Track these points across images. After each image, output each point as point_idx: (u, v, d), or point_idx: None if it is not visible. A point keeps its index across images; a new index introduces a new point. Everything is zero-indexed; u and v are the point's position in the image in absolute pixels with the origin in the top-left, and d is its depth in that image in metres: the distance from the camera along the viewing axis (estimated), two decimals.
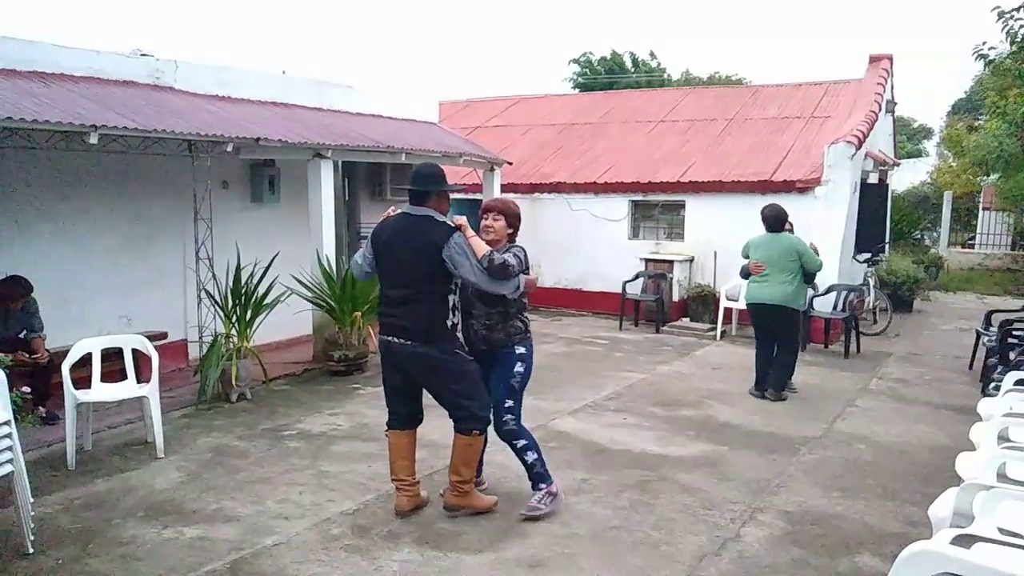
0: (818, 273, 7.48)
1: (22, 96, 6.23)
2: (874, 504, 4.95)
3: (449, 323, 4.36)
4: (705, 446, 6.03)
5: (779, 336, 7.31)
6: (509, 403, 4.58)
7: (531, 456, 4.64)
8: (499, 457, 5.68)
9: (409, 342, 4.33)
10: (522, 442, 4.65)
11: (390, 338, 4.40)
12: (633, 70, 30.97)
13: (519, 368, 4.57)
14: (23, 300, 6.16)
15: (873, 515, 4.77)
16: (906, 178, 22.14)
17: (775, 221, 7.23)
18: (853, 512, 4.80)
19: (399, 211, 4.54)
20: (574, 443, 6.06)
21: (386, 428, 4.72)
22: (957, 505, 3.45)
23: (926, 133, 38.71)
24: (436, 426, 6.41)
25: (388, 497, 4.89)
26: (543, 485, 4.66)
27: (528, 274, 4.57)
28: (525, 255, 4.51)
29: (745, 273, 7.38)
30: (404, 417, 4.64)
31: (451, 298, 4.36)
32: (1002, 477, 3.72)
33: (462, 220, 4.35)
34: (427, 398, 4.63)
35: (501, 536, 4.40)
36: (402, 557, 4.11)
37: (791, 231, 7.50)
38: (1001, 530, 3.17)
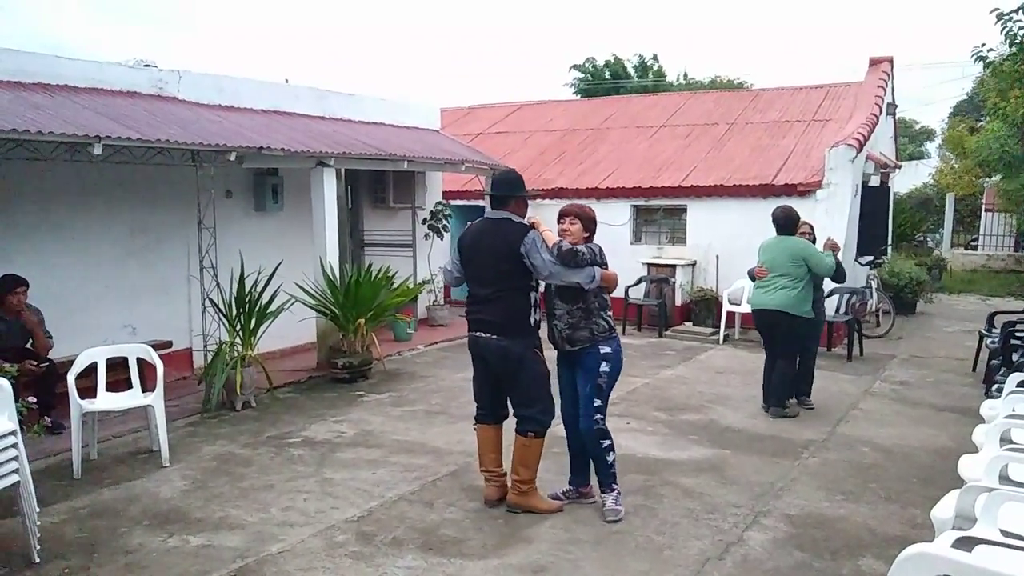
0: (833, 274, 7.00)
1: (27, 108, 6.29)
2: (877, 507, 4.95)
3: (532, 319, 4.62)
4: (708, 450, 6.03)
5: (780, 345, 6.94)
6: (597, 402, 4.63)
7: (611, 457, 4.71)
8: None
9: (493, 336, 4.60)
10: (607, 442, 4.70)
11: (477, 333, 4.68)
12: (635, 74, 31.01)
13: (604, 367, 4.59)
14: (19, 296, 6.18)
15: (876, 518, 4.77)
16: (908, 180, 22.14)
17: (785, 222, 6.91)
18: (856, 515, 4.81)
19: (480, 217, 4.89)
20: None
21: (474, 422, 4.97)
22: (959, 507, 3.46)
23: (928, 135, 38.71)
24: (439, 432, 6.49)
25: (392, 504, 4.92)
26: (615, 486, 4.73)
27: (606, 269, 4.60)
28: (600, 251, 4.58)
29: (752, 276, 7.20)
30: (489, 411, 4.87)
31: (533, 295, 4.62)
32: (1004, 479, 3.73)
33: (536, 219, 4.64)
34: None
35: (505, 542, 4.41)
36: (406, 564, 4.13)
37: (811, 234, 7.25)
38: (1004, 532, 3.18)
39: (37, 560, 4.06)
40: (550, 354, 4.72)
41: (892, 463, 5.79)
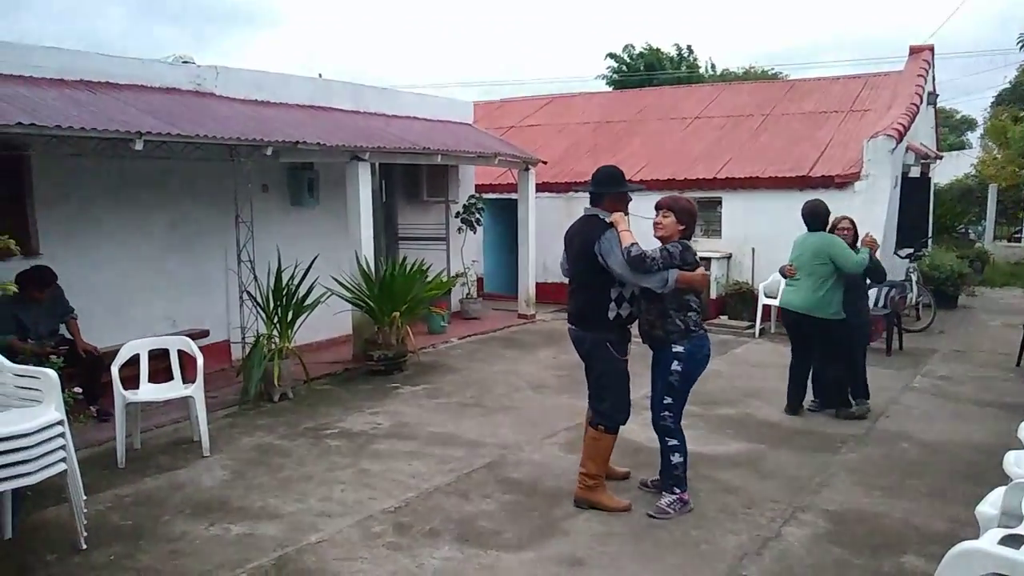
0: (868, 273, 6.61)
1: (70, 105, 6.42)
2: (919, 503, 4.88)
3: (611, 314, 4.61)
4: (744, 444, 5.99)
5: (820, 350, 6.63)
6: (667, 400, 4.66)
7: (676, 458, 4.69)
8: (537, 456, 5.74)
9: (574, 326, 4.80)
10: (673, 441, 4.70)
11: (568, 324, 4.87)
12: (671, 64, 30.69)
13: (676, 367, 4.58)
14: (49, 289, 6.33)
15: (918, 514, 4.70)
16: (949, 171, 21.65)
17: (811, 219, 6.58)
18: (897, 511, 4.74)
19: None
20: None
21: None
22: (1005, 504, 3.39)
23: (969, 125, 37.83)
24: (473, 424, 6.52)
25: (428, 495, 4.96)
26: (677, 490, 4.68)
27: (689, 271, 4.51)
28: (682, 251, 4.50)
29: (783, 274, 6.89)
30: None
31: (613, 291, 4.58)
32: None
33: (616, 216, 4.60)
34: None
35: (541, 534, 4.42)
36: (443, 555, 4.16)
37: (852, 230, 6.71)
38: None
39: (84, 546, 4.16)
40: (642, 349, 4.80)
41: (933, 459, 5.70)
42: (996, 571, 1.79)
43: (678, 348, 4.56)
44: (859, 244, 6.79)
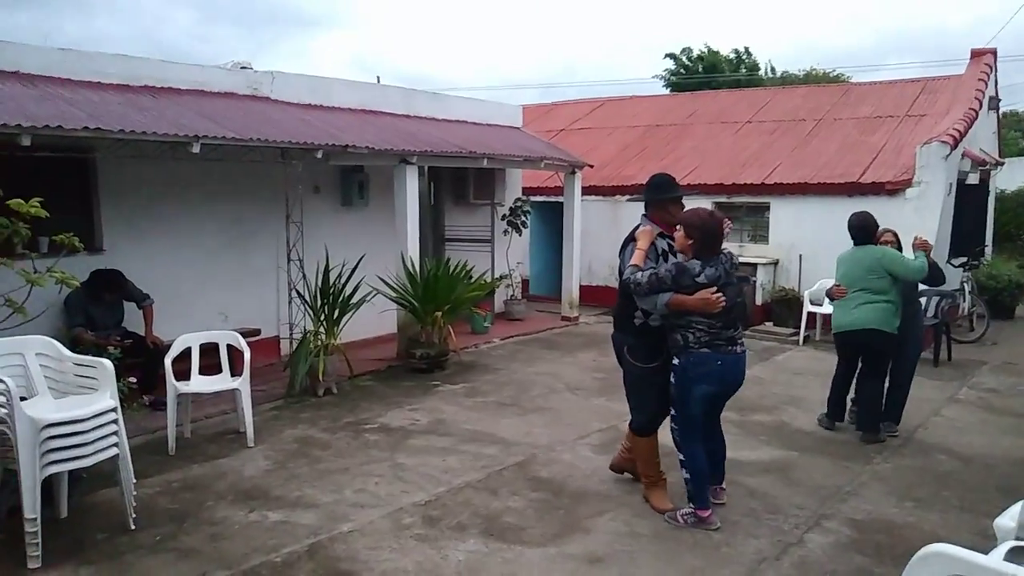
0: (927, 277, 6.23)
1: (133, 110, 6.78)
2: (949, 515, 4.85)
3: (636, 321, 4.69)
4: (776, 451, 6.00)
5: (866, 365, 6.30)
6: (672, 412, 4.67)
7: (684, 473, 4.65)
8: (567, 456, 5.86)
9: (613, 328, 4.99)
10: (680, 456, 4.66)
11: None
12: (729, 67, 30.41)
13: (672, 379, 4.57)
14: (116, 293, 6.90)
15: (946, 526, 4.68)
16: (1018, 177, 20.97)
17: (859, 232, 6.24)
18: (925, 523, 4.72)
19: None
20: None
21: None
22: (1022, 518, 3.39)
23: None
24: (509, 423, 6.67)
25: (459, 490, 5.12)
26: (691, 505, 4.64)
27: (687, 293, 4.36)
28: (676, 275, 4.36)
29: (830, 296, 6.49)
30: None
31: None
32: None
33: (641, 231, 4.64)
34: None
35: (565, 531, 4.55)
36: (468, 548, 4.31)
37: (895, 243, 6.38)
38: None
39: (133, 527, 4.44)
40: None
41: (970, 472, 5.63)
42: (957, 573, 1.85)
43: (675, 361, 4.52)
44: (912, 250, 6.39)
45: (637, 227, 4.77)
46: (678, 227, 4.52)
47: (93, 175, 7.25)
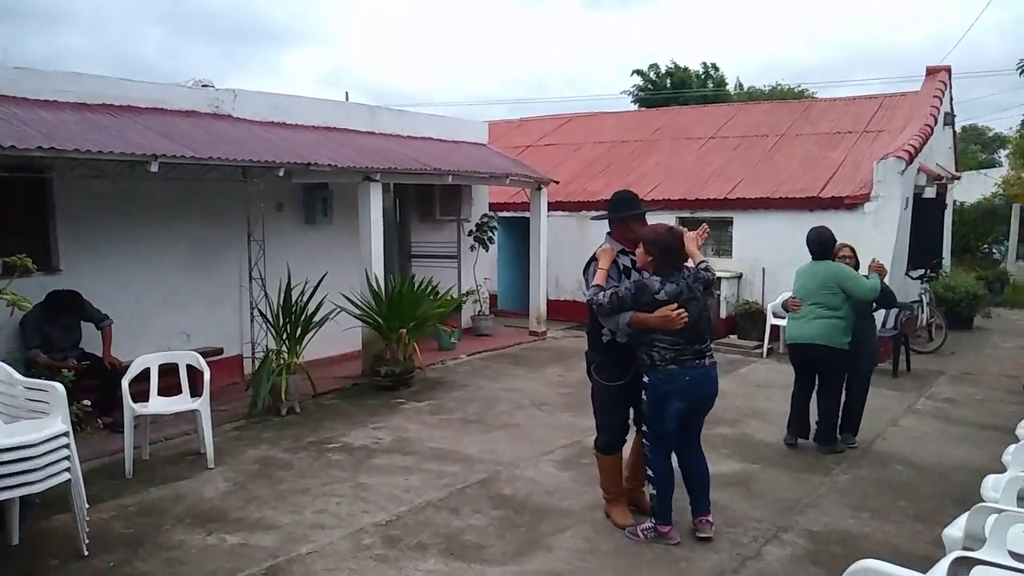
0: (879, 298, 6.36)
1: (90, 129, 6.71)
2: (904, 526, 4.92)
3: (604, 338, 4.69)
4: (737, 464, 6.06)
5: (821, 379, 6.40)
6: (644, 428, 4.66)
7: (650, 488, 4.68)
8: (531, 472, 5.87)
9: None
10: (649, 472, 4.66)
11: None
12: (697, 82, 30.80)
13: (643, 397, 4.56)
14: (71, 316, 6.79)
15: (901, 537, 4.75)
16: (977, 189, 21.48)
17: (817, 247, 6.32)
18: (880, 533, 4.79)
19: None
20: None
21: None
22: (968, 527, 3.45)
23: (1002, 142, 37.37)
24: (472, 441, 6.66)
25: (420, 509, 5.10)
26: (653, 520, 4.66)
27: (647, 311, 4.37)
28: (635, 292, 4.38)
29: (785, 308, 6.63)
30: None
31: None
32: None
33: (602, 250, 4.68)
34: None
35: (526, 548, 4.55)
36: (427, 567, 4.30)
37: (853, 258, 6.53)
38: (1013, 554, 3.17)
39: (86, 553, 4.36)
40: None
41: (926, 482, 5.73)
42: None
43: (645, 379, 4.53)
44: (867, 271, 6.53)
45: (601, 246, 4.78)
46: (640, 244, 4.53)
47: (49, 195, 7.16)
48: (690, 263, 4.59)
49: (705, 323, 4.62)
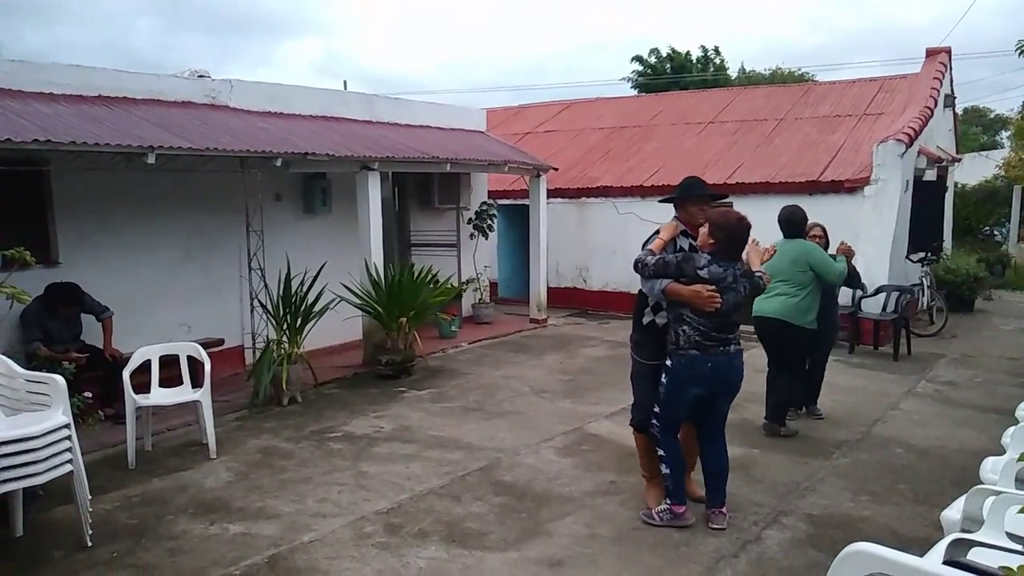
0: (847, 281, 6.72)
1: (86, 121, 6.69)
2: (903, 508, 4.94)
3: (645, 319, 4.76)
4: (737, 449, 6.03)
5: (782, 357, 6.51)
6: (656, 409, 4.65)
7: (663, 468, 4.66)
8: (531, 459, 5.89)
9: None
10: (660, 452, 4.66)
11: None
12: (699, 66, 30.63)
13: (663, 379, 4.58)
14: (73, 307, 6.80)
15: (900, 519, 4.77)
16: (979, 171, 21.42)
17: (788, 226, 6.44)
18: (880, 516, 4.81)
19: None
20: (607, 446, 6.18)
21: None
22: (966, 509, 3.47)
23: (1003, 124, 37.19)
24: (473, 428, 6.68)
25: (421, 497, 5.12)
26: (668, 501, 4.67)
27: (686, 283, 4.40)
28: (680, 262, 4.41)
29: None
30: None
31: (651, 297, 4.64)
32: (1022, 482, 3.71)
33: (668, 224, 4.74)
34: None
35: (526, 535, 4.57)
36: (429, 554, 4.32)
37: (823, 237, 6.72)
38: (1011, 536, 3.19)
39: (89, 544, 4.38)
40: None
41: (925, 465, 5.74)
42: (882, 571, 1.90)
43: (667, 362, 4.55)
44: (835, 252, 6.74)
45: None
46: (704, 224, 4.53)
47: (47, 187, 7.14)
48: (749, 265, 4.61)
49: (737, 317, 4.55)
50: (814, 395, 6.97)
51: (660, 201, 5.00)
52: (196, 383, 6.24)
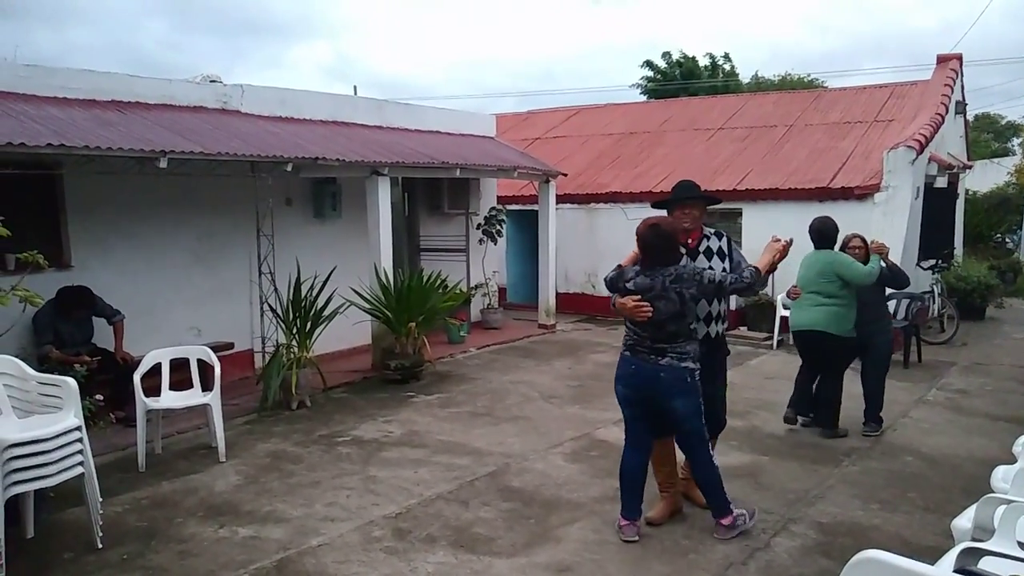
0: (889, 281, 6.56)
1: (99, 125, 6.75)
2: (913, 516, 4.92)
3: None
4: (746, 456, 6.05)
5: (821, 365, 6.53)
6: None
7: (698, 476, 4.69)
8: (540, 465, 5.88)
9: None
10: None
11: None
12: (709, 72, 30.58)
13: None
14: (85, 310, 6.85)
15: (910, 528, 4.74)
16: (990, 178, 21.33)
17: (819, 236, 6.45)
18: (890, 524, 4.79)
19: None
20: (615, 452, 6.06)
21: None
22: (977, 518, 3.46)
23: (1014, 131, 37.02)
24: (482, 433, 6.68)
25: (430, 502, 5.13)
26: (725, 516, 4.58)
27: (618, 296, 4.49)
28: (612, 277, 4.60)
29: (788, 296, 6.78)
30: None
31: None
32: None
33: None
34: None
35: (535, 540, 4.56)
36: (437, 559, 4.32)
37: (863, 248, 6.49)
38: (1022, 545, 3.17)
39: (100, 546, 4.40)
40: None
41: (936, 473, 5.71)
42: None
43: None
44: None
45: None
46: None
47: (60, 191, 7.20)
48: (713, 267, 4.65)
49: (676, 327, 4.40)
50: (869, 412, 6.69)
51: (652, 206, 4.99)
52: (206, 386, 6.27)
